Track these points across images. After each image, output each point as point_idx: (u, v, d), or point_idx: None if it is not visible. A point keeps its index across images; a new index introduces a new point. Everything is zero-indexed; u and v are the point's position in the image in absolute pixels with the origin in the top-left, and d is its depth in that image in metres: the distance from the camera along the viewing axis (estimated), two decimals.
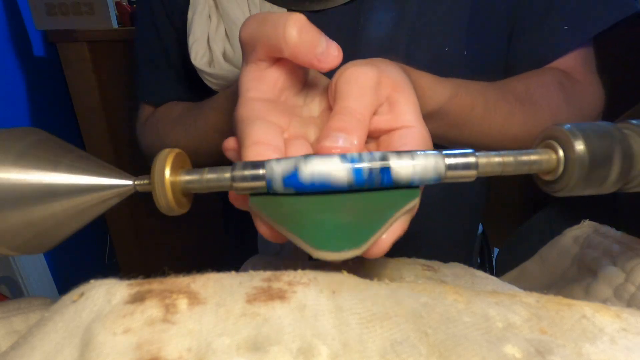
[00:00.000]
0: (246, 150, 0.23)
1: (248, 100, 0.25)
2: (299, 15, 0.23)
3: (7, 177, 0.20)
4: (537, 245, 0.42)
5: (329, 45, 0.23)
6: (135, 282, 0.20)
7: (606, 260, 0.33)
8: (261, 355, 0.16)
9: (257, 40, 0.24)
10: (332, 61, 0.23)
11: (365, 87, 0.23)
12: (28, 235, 0.22)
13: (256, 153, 0.22)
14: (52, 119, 1.20)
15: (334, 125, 0.22)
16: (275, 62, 0.25)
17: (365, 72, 0.23)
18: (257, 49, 0.24)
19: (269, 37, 0.23)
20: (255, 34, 0.24)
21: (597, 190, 0.22)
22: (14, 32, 1.08)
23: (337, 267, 0.22)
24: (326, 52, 0.23)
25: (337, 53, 0.23)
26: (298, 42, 0.22)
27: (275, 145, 0.23)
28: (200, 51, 0.43)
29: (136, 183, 0.22)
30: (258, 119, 0.23)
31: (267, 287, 0.19)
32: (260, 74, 0.25)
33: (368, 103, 0.23)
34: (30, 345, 0.18)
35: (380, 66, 0.24)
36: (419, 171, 0.21)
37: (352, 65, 0.24)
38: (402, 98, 0.24)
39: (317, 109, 0.27)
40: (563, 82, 0.41)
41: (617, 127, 0.23)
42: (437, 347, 0.17)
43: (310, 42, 0.22)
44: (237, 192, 0.22)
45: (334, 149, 0.22)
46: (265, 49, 0.24)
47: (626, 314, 0.20)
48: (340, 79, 0.24)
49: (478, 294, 0.21)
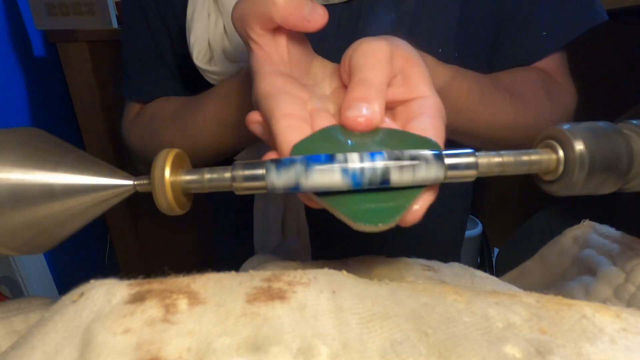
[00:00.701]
0: (277, 122, 0.23)
1: (267, 74, 0.25)
2: None
3: (7, 177, 0.20)
4: (537, 245, 0.42)
5: (314, 6, 0.25)
6: (135, 282, 0.20)
7: (606, 260, 0.33)
8: (261, 355, 0.16)
9: (248, 15, 0.25)
10: (320, 19, 0.25)
11: (380, 60, 0.24)
12: (28, 235, 0.22)
13: (288, 125, 0.23)
14: (52, 119, 1.20)
15: (355, 96, 0.23)
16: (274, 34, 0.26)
17: (380, 45, 0.25)
18: (250, 24, 0.25)
19: (259, 8, 0.25)
20: (246, 10, 0.25)
21: (597, 190, 0.22)
22: (14, 32, 1.08)
23: (337, 267, 0.22)
24: (313, 11, 0.25)
25: (323, 12, 0.25)
26: (285, 4, 0.24)
27: (303, 117, 0.24)
28: (202, 50, 0.42)
29: (136, 183, 0.22)
30: (282, 92, 0.24)
31: (267, 287, 0.19)
32: (267, 51, 0.26)
33: (384, 74, 0.24)
34: (30, 345, 0.18)
35: (393, 41, 0.26)
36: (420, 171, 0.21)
37: (366, 40, 0.25)
38: (415, 70, 0.25)
39: (327, 88, 0.28)
40: (545, 80, 0.45)
41: (617, 127, 0.23)
42: (437, 347, 0.17)
43: (296, 4, 0.24)
44: (237, 192, 0.22)
45: (359, 117, 0.23)
46: (259, 21, 0.25)
47: (626, 314, 0.20)
48: (355, 53, 0.25)
49: (478, 294, 0.21)
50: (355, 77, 0.24)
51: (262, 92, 0.25)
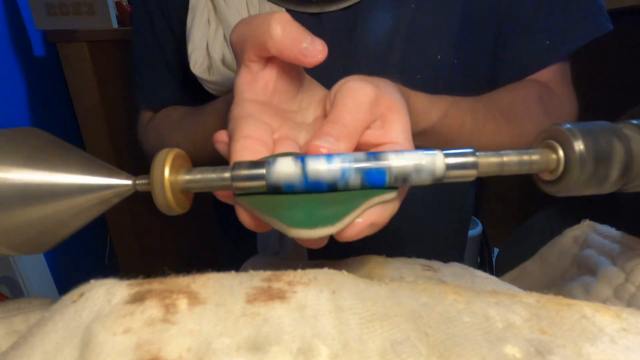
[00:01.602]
0: (235, 142, 0.23)
1: (242, 100, 0.25)
2: (283, 13, 0.24)
3: (7, 177, 0.20)
4: (537, 245, 0.42)
5: (313, 41, 0.24)
6: (135, 282, 0.20)
7: (606, 260, 0.33)
8: (261, 355, 0.16)
9: (245, 40, 0.25)
10: (317, 55, 0.24)
11: (362, 103, 0.24)
12: (28, 235, 0.22)
13: (244, 146, 0.23)
14: (52, 119, 1.20)
15: (326, 131, 0.23)
16: (267, 63, 0.26)
17: (364, 88, 0.24)
18: (246, 50, 0.25)
19: (256, 36, 0.24)
20: (244, 35, 0.25)
21: (597, 190, 0.22)
22: (14, 32, 1.08)
23: (337, 267, 0.22)
24: (311, 46, 0.24)
25: (322, 48, 0.24)
26: (282, 37, 0.23)
27: (263, 141, 0.24)
28: (200, 59, 0.43)
29: (136, 183, 0.22)
30: (250, 117, 0.24)
31: (267, 287, 0.19)
32: (253, 77, 0.26)
33: (362, 118, 0.24)
34: (30, 345, 0.18)
35: (380, 85, 0.25)
36: (420, 171, 0.21)
37: (352, 80, 0.25)
38: (394, 117, 0.25)
39: (311, 116, 0.28)
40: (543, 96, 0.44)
41: (617, 127, 0.23)
42: (437, 347, 0.17)
43: (294, 37, 0.23)
44: (237, 192, 0.22)
45: (322, 147, 0.22)
46: (254, 48, 0.25)
47: (626, 314, 0.20)
48: (339, 90, 0.25)
49: (478, 294, 0.21)
50: (332, 115, 0.24)
51: (233, 115, 0.25)
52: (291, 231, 0.20)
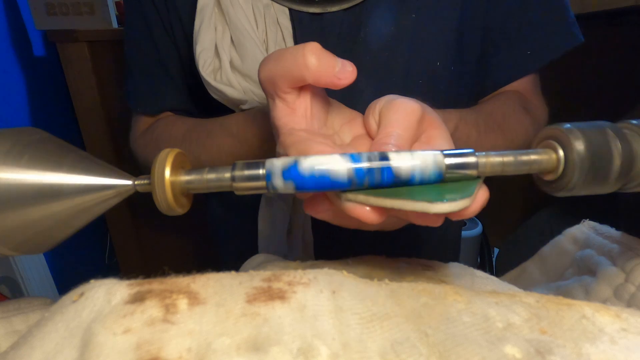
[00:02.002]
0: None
1: (291, 130, 0.26)
2: (313, 44, 0.25)
3: (7, 177, 0.20)
4: (537, 245, 0.42)
5: (344, 64, 0.25)
6: (135, 282, 0.20)
7: (606, 260, 0.33)
8: (261, 356, 0.16)
9: (278, 75, 0.26)
10: (349, 76, 0.25)
11: (412, 120, 0.25)
12: (28, 235, 0.22)
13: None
14: (52, 119, 1.20)
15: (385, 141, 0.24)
16: (300, 91, 0.27)
17: (413, 105, 0.26)
18: (279, 84, 0.26)
19: (290, 69, 0.25)
20: (275, 69, 0.26)
21: (597, 190, 0.22)
22: (14, 32, 1.08)
23: (337, 267, 0.22)
24: (343, 69, 0.25)
25: (352, 69, 0.25)
26: (319, 66, 0.25)
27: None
28: (208, 59, 0.43)
29: (136, 183, 0.22)
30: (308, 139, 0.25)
31: (267, 287, 0.19)
32: (291, 108, 0.27)
33: (412, 133, 0.25)
34: (30, 345, 0.18)
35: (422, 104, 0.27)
36: (420, 170, 0.21)
37: (399, 98, 0.26)
38: (437, 133, 0.26)
39: (347, 136, 0.29)
40: (526, 106, 0.47)
41: (617, 127, 0.23)
42: (437, 347, 0.17)
43: (328, 64, 0.25)
44: (237, 192, 0.22)
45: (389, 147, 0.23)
46: (289, 80, 0.26)
47: (626, 314, 0.20)
48: (386, 107, 0.26)
49: (478, 294, 0.21)
50: (385, 130, 0.25)
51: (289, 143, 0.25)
52: (435, 206, 0.20)
